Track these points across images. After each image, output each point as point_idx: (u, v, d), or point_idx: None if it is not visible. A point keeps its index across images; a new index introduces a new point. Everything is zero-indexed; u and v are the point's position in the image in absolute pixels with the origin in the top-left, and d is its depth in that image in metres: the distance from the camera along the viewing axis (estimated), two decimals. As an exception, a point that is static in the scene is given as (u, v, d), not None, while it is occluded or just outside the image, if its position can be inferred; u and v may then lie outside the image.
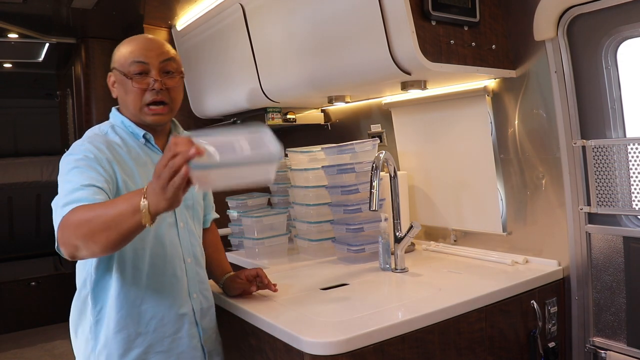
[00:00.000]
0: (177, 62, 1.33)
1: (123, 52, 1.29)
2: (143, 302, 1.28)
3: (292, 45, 1.94)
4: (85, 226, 1.01)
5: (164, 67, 1.29)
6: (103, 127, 1.35)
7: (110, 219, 0.98)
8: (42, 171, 4.57)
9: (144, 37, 1.34)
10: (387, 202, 1.94)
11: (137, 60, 1.26)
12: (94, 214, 1.01)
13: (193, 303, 1.37)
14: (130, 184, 1.25)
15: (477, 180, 1.92)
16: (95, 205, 1.05)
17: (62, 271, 4.36)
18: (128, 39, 1.33)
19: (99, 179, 1.15)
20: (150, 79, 1.27)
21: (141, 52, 1.27)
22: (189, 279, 1.36)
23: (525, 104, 1.75)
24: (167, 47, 1.33)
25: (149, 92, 1.27)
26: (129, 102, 1.29)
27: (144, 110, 1.29)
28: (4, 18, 2.50)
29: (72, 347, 1.38)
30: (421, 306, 1.37)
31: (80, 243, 1.02)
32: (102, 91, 2.88)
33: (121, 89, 1.31)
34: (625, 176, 1.53)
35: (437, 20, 1.53)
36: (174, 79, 1.31)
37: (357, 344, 1.20)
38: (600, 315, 1.61)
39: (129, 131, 1.34)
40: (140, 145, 1.33)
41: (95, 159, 1.20)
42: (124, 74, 1.28)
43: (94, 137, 1.29)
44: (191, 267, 1.38)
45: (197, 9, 2.43)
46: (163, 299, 1.30)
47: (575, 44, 1.59)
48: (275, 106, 2.39)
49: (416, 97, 2.03)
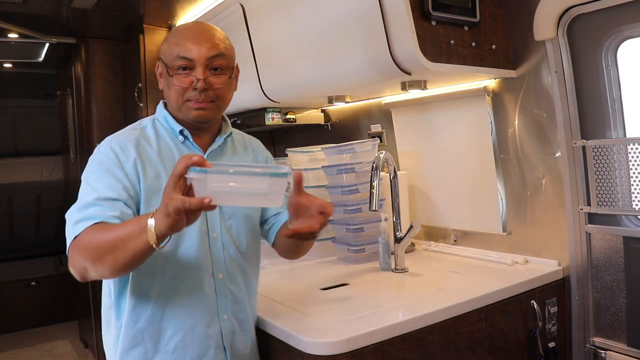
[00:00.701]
0: (227, 57, 1.18)
1: (170, 42, 1.16)
2: (164, 317, 1.15)
3: (292, 45, 1.94)
4: (93, 248, 0.97)
5: (210, 63, 1.15)
6: (145, 120, 1.26)
7: (118, 239, 0.95)
8: (42, 171, 4.56)
9: (195, 27, 1.18)
10: (387, 202, 1.94)
11: (182, 56, 1.13)
12: (103, 236, 0.97)
13: (222, 325, 1.21)
14: (157, 185, 1.14)
15: (477, 180, 1.92)
16: (106, 227, 1.00)
17: (62, 271, 4.35)
18: (180, 27, 1.20)
19: (116, 186, 1.09)
20: (193, 77, 1.13)
21: (187, 45, 1.13)
22: (218, 298, 1.20)
23: (525, 104, 1.75)
24: (217, 39, 1.17)
25: (191, 91, 1.14)
26: (171, 97, 1.18)
27: (187, 105, 1.16)
28: (4, 18, 2.50)
29: (72, 348, 1.37)
30: (421, 306, 1.37)
31: (88, 265, 0.99)
32: (102, 91, 2.87)
33: (165, 83, 1.19)
34: (625, 176, 1.53)
35: (437, 20, 1.53)
36: (220, 78, 1.16)
37: (357, 344, 1.20)
38: (600, 315, 1.61)
39: (168, 126, 1.22)
40: (177, 143, 1.21)
41: (116, 160, 1.12)
42: (167, 67, 1.15)
43: (128, 133, 1.20)
44: (222, 285, 1.21)
45: (197, 9, 2.43)
46: (186, 317, 1.16)
47: (575, 44, 1.59)
48: (275, 106, 2.39)
49: (416, 97, 2.03)
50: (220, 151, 1.25)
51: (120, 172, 1.11)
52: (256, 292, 1.34)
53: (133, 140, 1.17)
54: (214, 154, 1.23)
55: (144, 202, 1.12)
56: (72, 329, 3.93)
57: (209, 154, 1.21)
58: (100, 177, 1.10)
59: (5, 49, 3.16)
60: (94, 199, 1.06)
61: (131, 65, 2.73)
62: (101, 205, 1.05)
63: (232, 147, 1.30)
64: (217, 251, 1.20)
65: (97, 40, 2.81)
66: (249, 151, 1.33)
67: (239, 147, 1.31)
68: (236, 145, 1.31)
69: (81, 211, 1.05)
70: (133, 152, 1.14)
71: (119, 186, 1.09)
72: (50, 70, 3.77)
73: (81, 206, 1.06)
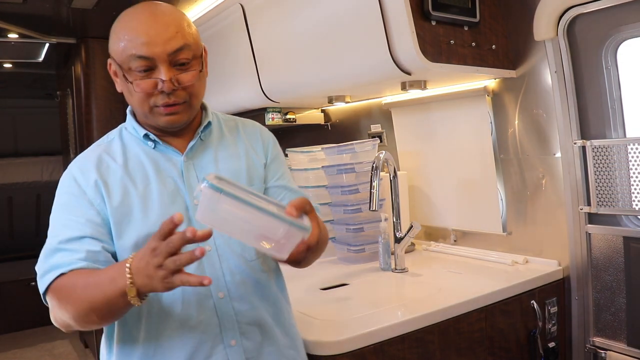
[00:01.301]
0: (193, 46, 0.97)
1: (120, 36, 0.95)
2: (156, 352, 0.97)
3: (292, 45, 1.94)
4: (72, 309, 0.87)
5: (174, 58, 0.94)
6: (112, 132, 1.09)
7: (97, 303, 0.84)
8: (42, 171, 4.57)
9: (145, 14, 0.96)
10: (387, 202, 1.94)
11: (138, 55, 0.92)
12: (78, 297, 0.86)
13: (229, 353, 0.98)
14: (126, 205, 0.98)
15: (477, 180, 1.92)
16: (78, 282, 0.88)
17: (62, 271, 4.36)
18: (127, 15, 0.98)
19: (78, 221, 0.95)
20: (156, 78, 0.94)
21: (143, 42, 0.92)
22: (221, 321, 0.99)
23: (525, 104, 1.75)
24: (177, 25, 0.96)
25: (157, 95, 0.96)
26: (134, 104, 0.99)
27: (155, 111, 0.97)
28: (4, 18, 2.50)
29: (72, 348, 1.35)
30: (421, 306, 1.37)
31: (73, 323, 0.90)
32: (102, 91, 2.87)
33: (123, 87, 0.99)
34: (625, 176, 1.53)
35: (437, 21, 1.53)
36: (189, 73, 0.97)
37: (357, 344, 1.20)
38: (600, 315, 1.61)
39: (135, 133, 1.04)
40: (147, 151, 1.03)
41: (77, 189, 0.98)
42: (122, 70, 0.96)
43: (90, 152, 1.05)
44: (224, 305, 0.99)
45: (197, 9, 2.43)
46: (181, 350, 0.96)
47: (575, 44, 1.59)
48: (275, 106, 2.39)
49: (416, 97, 2.03)
50: (200, 146, 1.06)
51: (81, 201, 0.97)
52: (286, 304, 1.12)
53: (94, 159, 1.01)
54: (194, 151, 1.04)
55: (114, 227, 0.96)
56: (72, 329, 3.94)
57: (187, 152, 1.03)
58: (62, 215, 0.98)
59: (5, 49, 3.16)
60: (57, 242, 0.94)
61: (131, 65, 2.73)
62: (66, 249, 0.92)
63: (218, 136, 1.10)
64: (213, 266, 1.00)
65: (97, 40, 2.81)
66: (241, 138, 1.12)
67: (227, 134, 1.11)
68: (223, 133, 1.11)
69: (47, 259, 0.94)
70: (94, 173, 0.98)
71: (81, 220, 0.95)
72: (50, 70, 3.77)
73: (47, 253, 0.95)
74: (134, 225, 0.96)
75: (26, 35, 2.75)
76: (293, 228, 0.75)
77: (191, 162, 1.03)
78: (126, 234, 0.96)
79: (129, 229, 0.96)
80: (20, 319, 4.04)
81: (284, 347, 1.06)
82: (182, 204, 0.99)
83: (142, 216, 0.96)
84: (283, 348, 1.06)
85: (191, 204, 0.99)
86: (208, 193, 0.73)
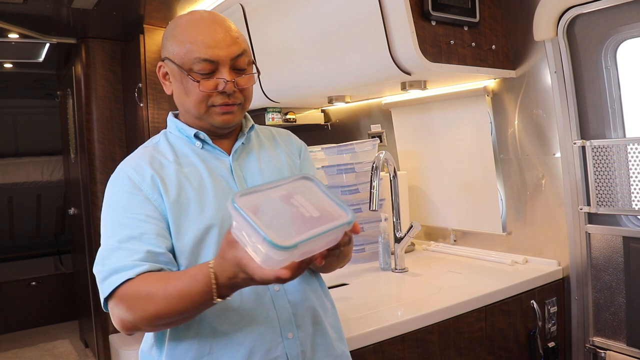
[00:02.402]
0: (248, 52, 1.04)
1: (182, 40, 0.99)
2: (212, 350, 0.95)
3: (292, 45, 1.94)
4: (150, 316, 0.86)
5: (235, 64, 1.00)
6: (156, 137, 1.10)
7: (185, 310, 0.85)
8: (42, 171, 4.56)
9: (209, 22, 1.00)
10: (387, 202, 1.94)
11: (205, 58, 0.97)
12: (159, 305, 0.85)
13: (287, 346, 0.98)
14: (183, 200, 0.98)
15: (477, 180, 1.92)
16: (154, 290, 0.87)
17: (62, 271, 4.36)
18: (187, 22, 1.01)
19: (138, 217, 0.95)
20: (220, 79, 0.98)
21: (209, 46, 0.97)
22: (279, 315, 0.99)
23: (525, 104, 1.75)
24: (235, 32, 1.02)
25: (217, 95, 1.00)
26: (189, 104, 1.01)
27: (212, 110, 1.01)
28: (4, 18, 2.50)
29: (73, 347, 1.33)
30: (421, 306, 1.38)
31: (146, 327, 0.90)
32: (103, 91, 2.87)
33: (179, 88, 1.02)
34: (624, 176, 1.53)
35: (437, 21, 1.53)
36: (247, 77, 1.02)
37: (357, 344, 1.20)
38: (599, 315, 1.61)
39: (182, 135, 1.07)
40: (196, 150, 1.05)
41: (133, 186, 0.98)
42: (185, 71, 0.99)
43: (140, 152, 1.06)
44: (280, 298, 1.00)
45: (197, 9, 2.43)
46: (241, 345, 0.95)
47: (575, 44, 1.59)
48: (275, 106, 2.40)
49: (416, 97, 2.03)
50: (244, 149, 1.10)
51: (138, 198, 0.97)
52: (328, 299, 1.13)
53: (146, 157, 1.02)
54: (239, 153, 1.08)
55: (172, 223, 0.96)
56: (72, 328, 3.93)
57: (233, 154, 1.07)
58: (118, 214, 0.96)
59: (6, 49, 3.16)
60: (116, 241, 0.93)
61: (131, 65, 2.73)
62: (124, 249, 0.92)
63: (257, 142, 1.15)
64: None
65: (97, 40, 2.81)
66: (278, 143, 1.18)
67: (265, 140, 1.17)
68: (262, 140, 1.16)
69: (106, 261, 0.92)
70: (149, 170, 0.99)
71: (140, 217, 0.95)
72: (50, 70, 3.77)
73: (104, 254, 0.93)
74: (191, 220, 0.97)
75: (26, 35, 2.75)
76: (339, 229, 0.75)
77: (237, 162, 1.06)
78: (184, 229, 0.96)
79: (186, 224, 0.96)
80: (20, 319, 4.04)
81: (333, 340, 1.07)
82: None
83: (199, 210, 0.97)
84: (332, 341, 1.06)
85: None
86: (285, 257, 0.71)
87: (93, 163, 2.89)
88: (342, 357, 1.07)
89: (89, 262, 3.05)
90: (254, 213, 0.72)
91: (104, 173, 2.85)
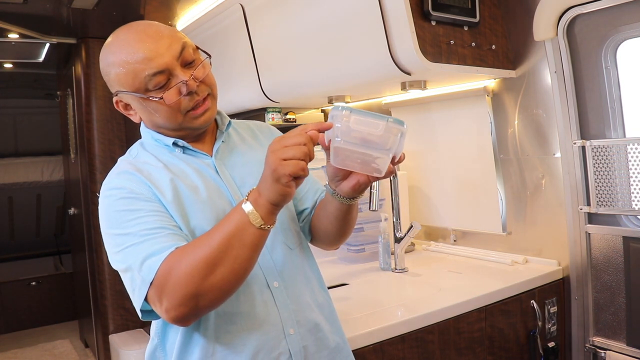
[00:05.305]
0: (187, 42, 0.99)
1: (124, 65, 0.94)
2: (215, 352, 0.94)
3: (292, 45, 1.94)
4: (197, 271, 0.82)
5: (183, 60, 0.96)
6: (133, 148, 1.07)
7: (221, 246, 0.83)
8: (42, 171, 4.56)
9: (138, 35, 0.95)
10: (387, 202, 1.94)
11: (154, 72, 0.92)
12: (194, 255, 0.82)
13: (289, 342, 0.98)
14: (177, 197, 0.96)
15: (477, 180, 1.92)
16: (187, 247, 0.85)
17: (62, 271, 4.36)
18: (117, 46, 0.95)
19: (148, 214, 0.91)
20: (178, 84, 0.94)
21: (151, 58, 0.92)
22: (280, 311, 0.99)
23: (525, 104, 1.75)
24: (166, 31, 0.97)
25: (185, 99, 0.95)
26: (163, 121, 0.98)
27: (188, 116, 0.97)
28: (4, 18, 2.50)
29: (73, 347, 1.33)
30: (421, 306, 1.38)
31: (207, 286, 0.83)
32: (103, 91, 2.88)
33: (146, 112, 0.98)
34: (624, 176, 1.53)
35: (437, 21, 1.53)
36: (202, 67, 0.98)
37: (357, 344, 1.20)
38: (599, 315, 1.61)
39: (161, 144, 1.04)
40: (178, 156, 1.03)
41: (131, 192, 0.94)
42: (143, 95, 0.95)
43: (122, 164, 1.01)
44: (280, 294, 1.00)
45: (197, 9, 2.43)
46: (245, 345, 0.94)
47: (575, 44, 1.59)
48: (275, 106, 2.40)
49: (416, 97, 2.03)
50: (226, 147, 1.08)
51: (140, 200, 0.94)
52: (322, 287, 1.12)
53: (131, 168, 0.98)
54: (221, 152, 1.06)
55: (177, 220, 0.94)
56: (72, 328, 3.93)
57: (215, 154, 1.05)
58: (125, 218, 0.92)
59: (6, 49, 3.16)
60: (140, 230, 0.88)
61: (131, 65, 2.73)
62: (156, 234, 0.88)
63: (238, 137, 1.13)
64: (263, 257, 0.99)
65: (97, 40, 2.81)
66: (258, 137, 1.16)
67: (245, 136, 1.15)
68: (241, 135, 1.15)
69: (138, 248, 0.87)
70: (139, 176, 0.96)
71: (149, 213, 0.92)
72: (50, 70, 3.78)
73: (124, 258, 0.89)
74: (196, 213, 0.96)
75: (26, 35, 2.75)
76: (391, 124, 0.86)
77: (221, 161, 1.05)
78: (193, 221, 0.96)
79: (192, 216, 0.96)
80: (20, 319, 4.04)
81: (328, 332, 1.06)
82: (225, 199, 1.01)
83: (196, 209, 0.96)
84: (328, 334, 1.06)
85: (233, 199, 1.01)
86: (340, 115, 0.87)
87: (93, 163, 2.89)
88: (336, 349, 1.06)
89: (88, 262, 3.05)
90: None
91: (104, 173, 2.84)
